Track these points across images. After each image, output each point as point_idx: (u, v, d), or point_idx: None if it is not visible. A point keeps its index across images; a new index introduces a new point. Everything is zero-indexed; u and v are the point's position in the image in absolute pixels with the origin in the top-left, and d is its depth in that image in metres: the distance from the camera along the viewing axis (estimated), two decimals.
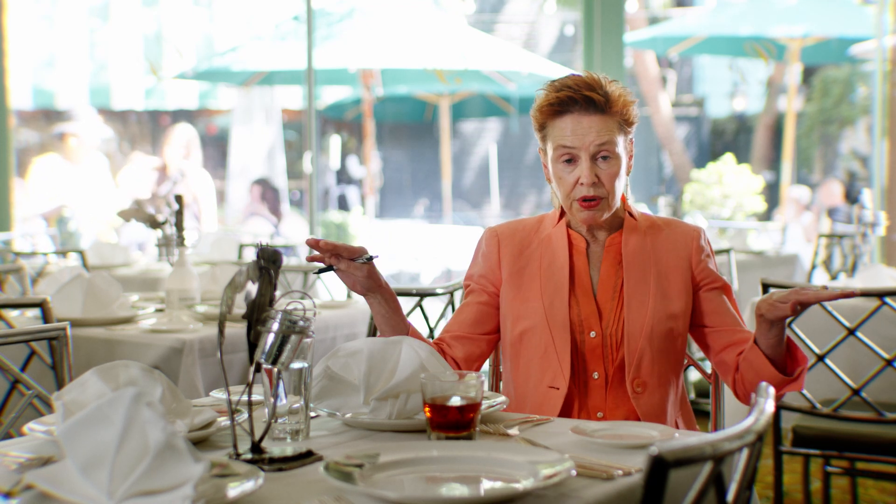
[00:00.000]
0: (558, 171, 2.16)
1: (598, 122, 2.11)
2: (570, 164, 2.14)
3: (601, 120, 2.12)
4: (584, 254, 2.21)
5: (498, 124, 16.65)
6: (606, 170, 2.13)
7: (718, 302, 2.19)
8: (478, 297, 2.25)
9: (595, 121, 2.11)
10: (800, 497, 3.79)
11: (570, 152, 2.13)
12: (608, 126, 2.12)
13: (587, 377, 2.15)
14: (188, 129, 8.69)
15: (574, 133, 2.12)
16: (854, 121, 15.35)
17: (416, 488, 1.43)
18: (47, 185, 7.49)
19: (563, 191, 2.16)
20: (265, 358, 1.59)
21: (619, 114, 2.14)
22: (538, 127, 2.20)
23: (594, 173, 2.11)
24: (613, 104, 2.13)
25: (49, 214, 7.40)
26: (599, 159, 2.12)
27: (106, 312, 3.31)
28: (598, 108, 2.12)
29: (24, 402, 2.15)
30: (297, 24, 8.50)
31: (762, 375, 2.05)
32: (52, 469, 1.32)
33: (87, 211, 7.56)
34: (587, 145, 2.11)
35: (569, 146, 2.12)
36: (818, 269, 5.78)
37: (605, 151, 2.12)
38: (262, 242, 1.68)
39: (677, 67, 17.49)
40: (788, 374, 2.07)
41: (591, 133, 2.11)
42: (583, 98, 2.11)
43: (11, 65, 7.11)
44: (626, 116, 2.15)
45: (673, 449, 1.10)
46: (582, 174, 2.12)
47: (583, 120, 2.12)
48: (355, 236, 9.96)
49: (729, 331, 2.17)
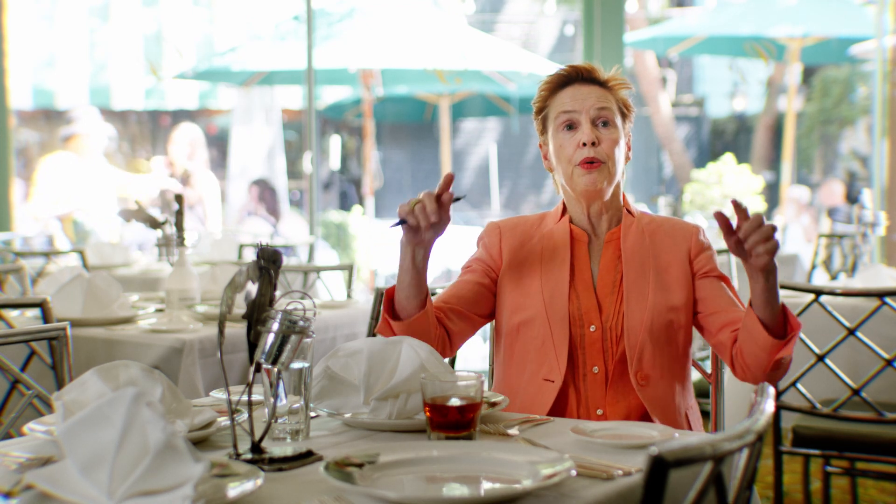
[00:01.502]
0: (559, 140, 2.20)
1: (597, 90, 2.21)
2: (571, 131, 2.19)
3: (600, 90, 2.21)
4: (586, 247, 2.23)
5: (498, 124, 16.66)
6: (607, 135, 2.18)
7: (714, 287, 2.19)
8: (478, 277, 2.25)
9: (594, 89, 2.21)
10: (800, 497, 3.79)
11: (570, 117, 2.18)
12: (607, 97, 2.21)
13: (586, 371, 2.15)
14: (192, 128, 8.68)
15: (574, 98, 2.20)
16: (854, 121, 15.36)
17: (416, 488, 1.43)
18: (57, 184, 7.47)
19: (565, 158, 2.19)
20: (265, 358, 1.59)
21: (616, 93, 2.22)
22: (538, 111, 2.25)
23: (595, 134, 2.17)
24: (610, 81, 2.22)
25: (64, 216, 7.39)
26: (600, 125, 2.18)
27: (106, 312, 3.31)
28: (597, 82, 2.21)
29: (24, 402, 2.15)
30: (297, 24, 8.50)
31: (757, 341, 2.00)
32: (52, 469, 1.32)
33: (101, 211, 7.54)
34: (587, 108, 2.18)
35: (569, 110, 2.19)
36: (818, 269, 5.78)
37: (604, 117, 2.19)
38: (262, 242, 1.68)
39: (677, 67, 17.49)
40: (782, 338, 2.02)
41: (590, 98, 2.19)
42: (582, 71, 2.22)
43: (11, 65, 7.11)
44: (623, 99, 2.23)
45: (673, 449, 1.10)
46: (583, 134, 2.16)
47: (582, 88, 2.21)
48: (355, 236, 9.95)
49: (724, 311, 2.16)
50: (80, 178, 7.49)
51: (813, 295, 2.95)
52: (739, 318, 2.12)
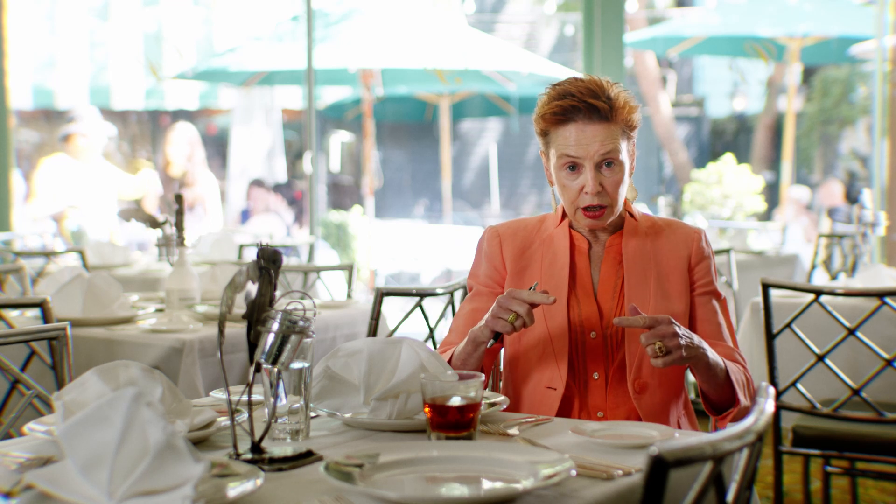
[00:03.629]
0: (561, 178, 2.15)
1: (601, 130, 2.09)
2: (574, 172, 2.12)
3: (605, 128, 2.09)
4: (587, 254, 2.21)
5: (498, 124, 16.65)
6: (610, 177, 2.11)
7: (706, 309, 2.18)
8: (487, 301, 2.21)
9: (599, 129, 2.09)
10: (800, 497, 3.79)
11: (573, 161, 2.11)
12: (612, 134, 2.09)
13: (587, 377, 2.15)
14: (188, 128, 8.67)
15: (578, 143, 2.09)
16: (854, 121, 15.35)
17: (416, 488, 1.43)
18: (55, 185, 7.47)
19: (567, 198, 2.15)
20: (265, 358, 1.59)
21: (623, 121, 2.12)
22: (540, 132, 2.18)
23: (598, 182, 2.10)
24: (618, 112, 2.10)
25: (58, 215, 7.39)
26: (604, 167, 2.11)
27: (106, 312, 3.31)
28: (601, 116, 2.09)
29: (24, 402, 2.15)
30: (297, 24, 8.50)
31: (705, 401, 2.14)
32: (52, 469, 1.32)
33: (98, 211, 7.54)
34: (591, 154, 2.09)
35: (573, 156, 2.10)
36: (818, 269, 5.78)
37: (608, 159, 2.10)
38: (263, 242, 1.68)
39: (677, 67, 17.49)
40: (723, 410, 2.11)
41: (594, 143, 2.08)
42: (586, 106, 2.08)
43: (11, 65, 7.11)
44: (629, 123, 2.13)
45: (673, 449, 1.10)
46: (586, 184, 2.10)
47: (587, 129, 2.09)
48: (355, 236, 9.96)
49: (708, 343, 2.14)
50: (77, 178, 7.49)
51: (813, 295, 2.95)
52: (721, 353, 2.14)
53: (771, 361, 3.01)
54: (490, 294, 2.24)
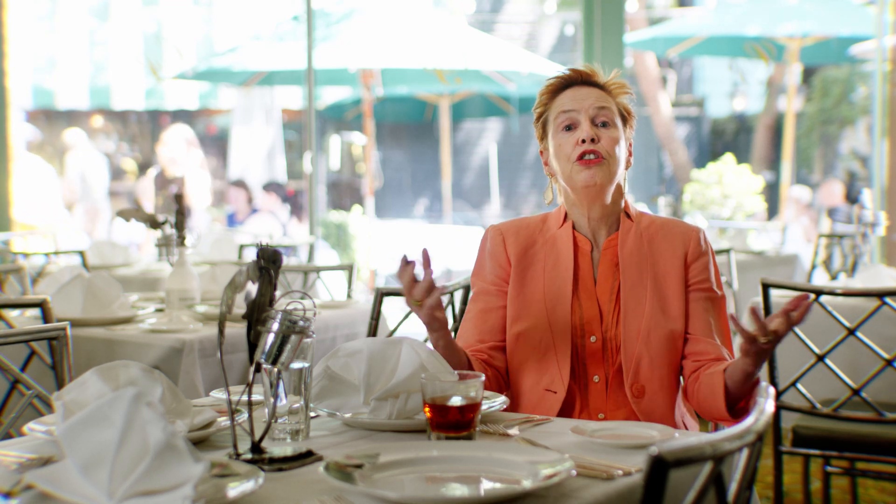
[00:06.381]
0: (559, 141, 2.17)
1: (596, 91, 2.19)
2: (570, 131, 2.16)
3: (601, 92, 2.20)
4: (589, 256, 2.20)
5: (498, 124, 16.65)
6: (606, 133, 2.16)
7: (698, 307, 2.16)
8: (497, 300, 2.21)
9: (594, 90, 2.19)
10: (800, 497, 3.79)
11: (570, 116, 2.16)
12: (607, 99, 2.19)
13: (587, 380, 2.14)
14: (184, 129, 8.67)
15: (573, 99, 2.18)
16: (854, 121, 15.35)
17: (416, 488, 1.43)
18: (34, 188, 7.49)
19: (564, 157, 2.16)
20: (265, 358, 1.59)
21: (615, 94, 2.20)
22: (538, 115, 2.23)
23: (594, 132, 2.14)
24: (611, 84, 2.21)
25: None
26: (599, 124, 2.16)
27: (106, 312, 3.30)
28: (596, 85, 2.20)
29: (24, 402, 2.15)
30: (297, 24, 8.50)
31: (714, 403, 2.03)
32: (52, 469, 1.32)
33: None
34: (587, 108, 2.16)
35: (568, 109, 2.17)
36: (818, 269, 5.78)
37: (604, 117, 2.16)
38: (263, 242, 1.68)
39: (677, 67, 17.49)
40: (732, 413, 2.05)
41: (590, 98, 2.17)
42: (582, 74, 2.21)
43: (11, 65, 7.11)
44: (623, 104, 2.21)
45: (673, 449, 1.10)
46: (582, 132, 2.14)
47: (582, 90, 2.19)
48: (355, 236, 9.96)
49: (697, 339, 2.14)
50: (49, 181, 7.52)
51: (813, 295, 2.95)
52: (708, 351, 2.12)
53: (771, 361, 3.01)
54: (497, 292, 2.22)
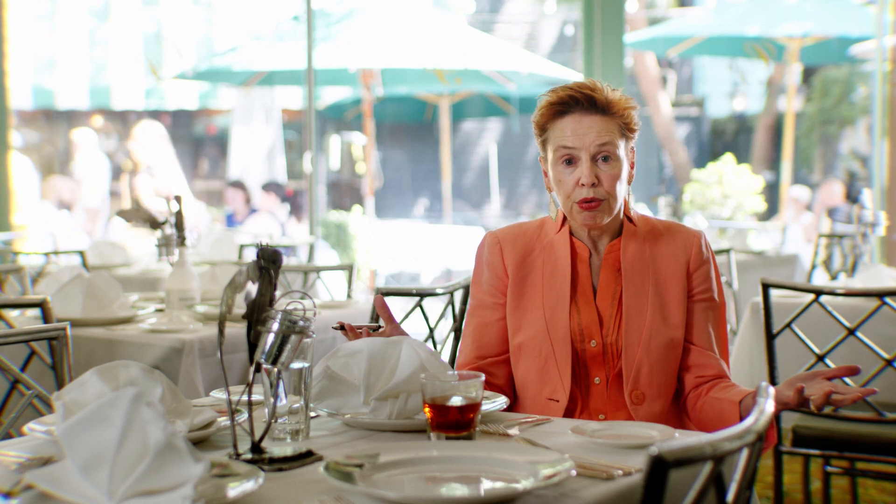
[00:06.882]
0: (558, 173, 2.13)
1: (598, 122, 2.09)
2: (571, 166, 2.11)
3: (602, 120, 2.10)
4: (587, 262, 2.19)
5: (498, 124, 16.65)
6: (607, 171, 2.10)
7: (700, 318, 2.16)
8: (494, 313, 2.21)
9: (596, 121, 2.09)
10: (800, 497, 3.79)
11: (570, 153, 2.10)
12: (609, 127, 2.10)
13: (589, 382, 2.14)
14: (154, 125, 8.66)
15: (574, 133, 2.09)
16: (854, 121, 15.35)
17: (416, 488, 1.43)
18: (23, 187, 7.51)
19: (564, 193, 2.13)
20: (265, 358, 1.59)
21: (619, 117, 2.12)
22: (539, 131, 2.17)
23: (594, 174, 2.09)
24: (614, 105, 2.11)
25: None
26: (600, 160, 2.10)
27: (106, 312, 3.31)
28: (598, 109, 2.10)
29: (24, 402, 2.15)
30: (297, 24, 8.50)
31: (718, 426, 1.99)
32: (52, 469, 1.32)
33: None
34: (587, 145, 2.09)
35: (569, 146, 2.10)
36: (818, 269, 5.78)
37: (605, 152, 2.09)
38: (263, 242, 1.68)
39: (677, 67, 17.49)
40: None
41: (591, 133, 2.09)
42: (584, 97, 2.10)
43: (11, 65, 7.11)
44: (626, 121, 2.13)
45: (673, 449, 1.10)
46: (582, 174, 2.09)
47: (584, 119, 2.10)
48: (355, 236, 9.95)
49: (697, 350, 2.14)
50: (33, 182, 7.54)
51: (813, 295, 2.95)
52: (710, 365, 2.13)
53: (771, 361, 3.01)
54: (494, 305, 2.21)
